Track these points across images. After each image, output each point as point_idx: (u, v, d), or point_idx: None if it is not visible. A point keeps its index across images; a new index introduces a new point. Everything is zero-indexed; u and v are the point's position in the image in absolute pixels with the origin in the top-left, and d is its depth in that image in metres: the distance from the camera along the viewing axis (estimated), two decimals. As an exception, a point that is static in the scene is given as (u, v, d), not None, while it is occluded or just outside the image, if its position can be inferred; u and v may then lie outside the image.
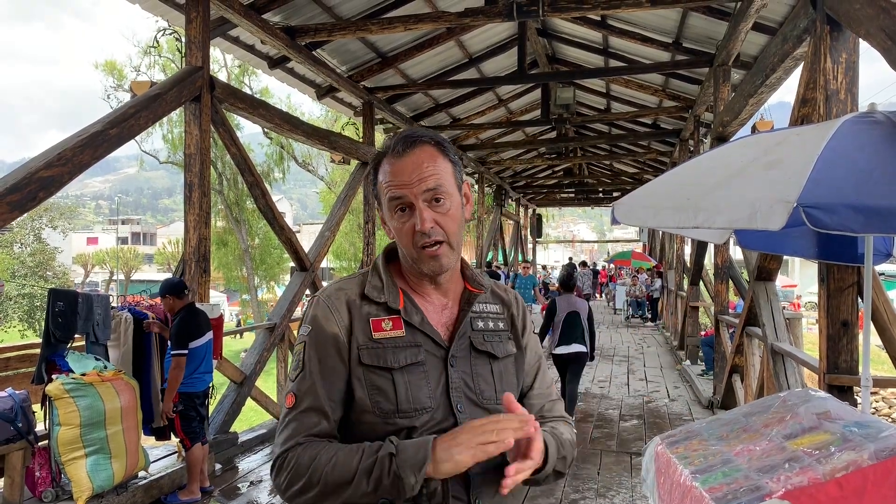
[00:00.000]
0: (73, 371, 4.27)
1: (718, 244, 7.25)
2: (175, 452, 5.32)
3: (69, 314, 4.49)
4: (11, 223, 4.17)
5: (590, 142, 14.83)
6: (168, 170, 31.79)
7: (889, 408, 9.87)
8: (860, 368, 3.58)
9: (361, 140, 9.31)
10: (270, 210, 6.85)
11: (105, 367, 4.47)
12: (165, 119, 24.68)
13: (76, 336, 4.62)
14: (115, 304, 5.46)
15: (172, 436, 5.17)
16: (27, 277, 27.10)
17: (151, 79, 5.76)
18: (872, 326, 3.65)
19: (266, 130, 23.94)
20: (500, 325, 1.41)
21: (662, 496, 2.42)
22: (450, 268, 1.32)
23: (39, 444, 4.22)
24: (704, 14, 7.03)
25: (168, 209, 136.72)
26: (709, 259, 9.84)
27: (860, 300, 3.65)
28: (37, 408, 4.33)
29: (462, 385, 1.30)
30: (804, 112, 4.34)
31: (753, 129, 6.79)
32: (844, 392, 3.73)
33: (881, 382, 4.47)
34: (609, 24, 8.48)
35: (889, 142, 2.55)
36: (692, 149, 10.85)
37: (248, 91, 25.82)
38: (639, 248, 25.81)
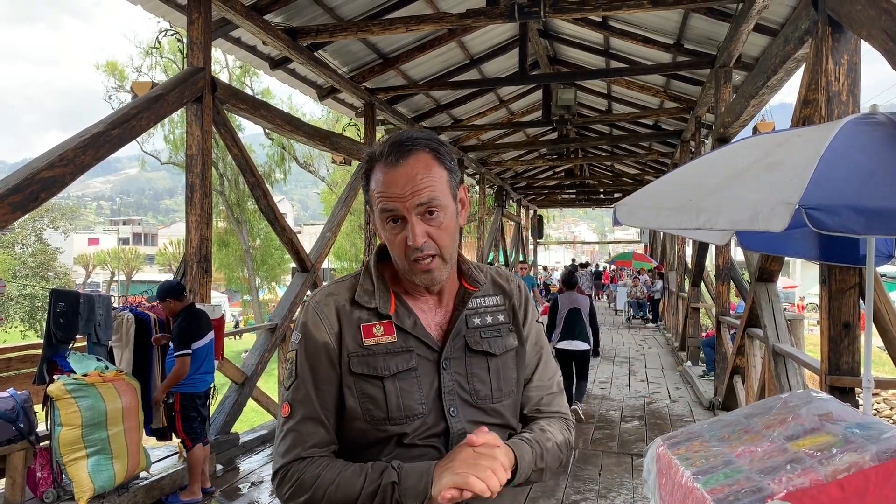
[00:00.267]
0: (75, 371, 4.27)
1: (720, 245, 7.26)
2: (176, 453, 5.32)
3: (70, 315, 4.49)
4: (13, 224, 4.17)
5: (591, 143, 14.82)
6: (169, 170, 31.83)
7: (890, 409, 9.87)
8: (862, 370, 3.58)
9: (363, 141, 9.31)
10: (272, 211, 6.86)
11: (106, 368, 4.48)
12: (167, 120, 24.71)
13: (77, 336, 4.63)
14: (117, 305, 5.47)
15: (173, 436, 5.17)
16: (28, 278, 27.13)
17: (153, 79, 5.77)
18: (874, 328, 3.65)
19: (267, 131, 23.97)
20: (501, 318, 1.38)
21: (664, 497, 2.42)
22: (442, 280, 1.29)
23: (41, 445, 4.22)
24: (706, 15, 7.03)
25: (169, 210, 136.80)
26: (710, 260, 9.83)
27: (862, 301, 3.65)
28: (38, 408, 4.34)
29: (455, 387, 1.29)
30: (806, 113, 4.34)
31: (755, 131, 6.79)
32: (846, 393, 3.73)
33: (883, 384, 4.48)
34: (610, 25, 8.48)
35: (891, 143, 2.55)
36: (693, 150, 10.84)
37: (250, 92, 25.85)
38: (640, 250, 25.80)
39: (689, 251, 12.22)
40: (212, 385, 5.01)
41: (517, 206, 23.19)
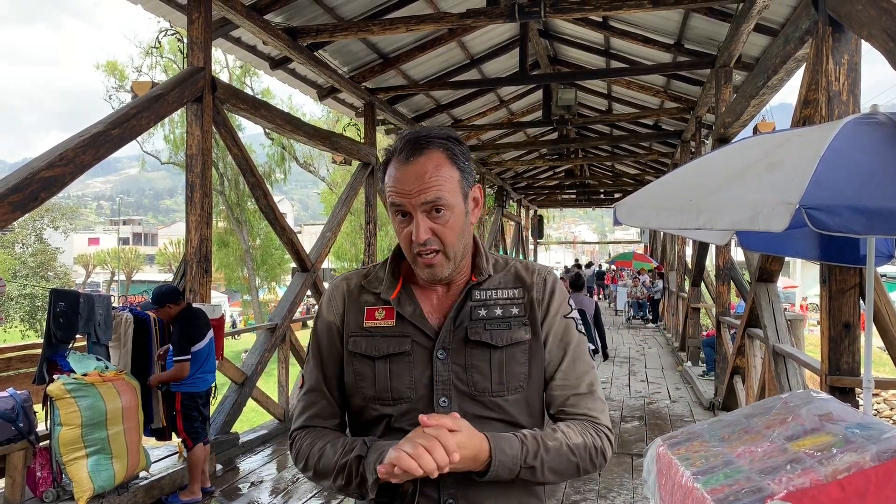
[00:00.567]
0: (75, 371, 4.27)
1: (720, 245, 7.25)
2: (176, 453, 5.32)
3: (70, 314, 4.49)
4: (13, 223, 4.17)
5: (591, 143, 14.82)
6: (169, 170, 31.84)
7: (891, 409, 9.86)
8: (862, 370, 3.58)
9: (363, 141, 9.31)
10: (272, 211, 6.86)
11: (106, 368, 4.48)
12: (167, 120, 24.71)
13: (77, 336, 4.63)
14: (117, 305, 5.47)
15: (174, 436, 5.17)
16: (28, 278, 27.14)
17: (153, 79, 5.77)
18: (874, 328, 3.65)
19: (267, 131, 23.98)
20: (514, 311, 1.35)
21: (664, 497, 2.42)
22: (444, 276, 1.32)
23: (40, 445, 4.22)
24: (706, 15, 7.03)
25: (169, 210, 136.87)
26: (710, 260, 9.83)
27: (862, 302, 3.65)
28: (38, 408, 4.34)
29: (452, 377, 1.30)
30: (806, 113, 4.34)
31: (755, 131, 6.78)
32: (846, 393, 3.73)
33: (883, 384, 4.48)
34: (610, 26, 8.48)
35: (891, 143, 2.54)
36: (694, 150, 10.84)
37: (250, 92, 25.85)
38: (640, 250, 25.78)
39: (690, 251, 12.21)
40: (213, 384, 5.01)
41: (517, 207, 23.19)
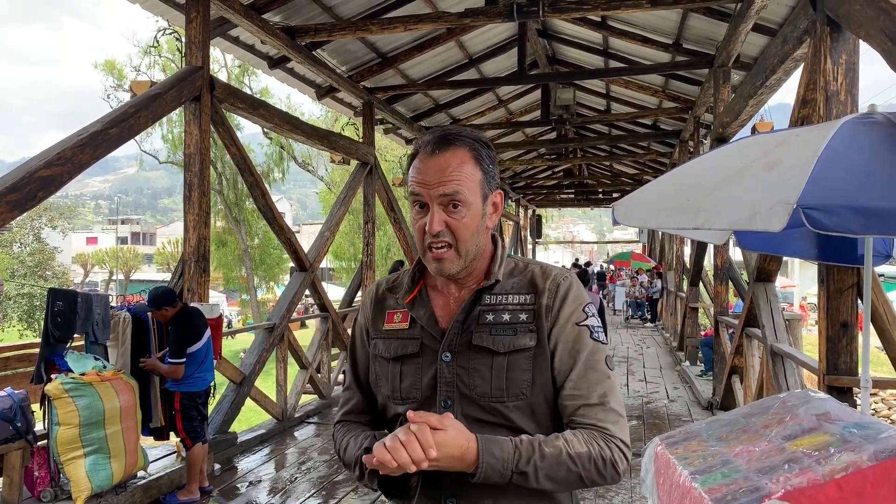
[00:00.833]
0: (73, 371, 4.26)
1: (718, 245, 7.26)
2: (174, 452, 5.31)
3: (68, 314, 4.49)
4: (11, 223, 4.16)
5: (590, 143, 14.82)
6: (168, 170, 31.80)
7: (888, 409, 9.88)
8: (860, 370, 3.58)
9: (361, 140, 9.31)
10: (270, 210, 6.85)
11: (104, 367, 4.47)
12: (165, 119, 24.68)
13: (75, 336, 4.62)
14: (115, 304, 5.46)
15: (172, 435, 5.17)
16: (26, 277, 27.12)
17: (151, 78, 5.76)
18: (872, 328, 3.65)
19: (266, 130, 23.95)
20: (522, 317, 1.33)
21: (661, 497, 2.42)
22: (453, 272, 1.33)
23: (38, 444, 4.21)
24: (704, 15, 7.03)
25: (167, 209, 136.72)
26: (708, 260, 9.84)
27: (860, 301, 3.65)
28: (36, 407, 4.33)
29: (456, 380, 1.32)
30: (804, 113, 4.34)
31: (753, 131, 6.78)
32: (844, 393, 3.73)
33: (881, 384, 4.48)
34: (609, 25, 8.48)
35: (889, 143, 2.55)
36: (692, 150, 10.84)
37: (248, 91, 25.83)
38: (638, 249, 25.80)
39: (688, 251, 12.21)
40: (212, 384, 5.01)
41: (516, 206, 23.18)
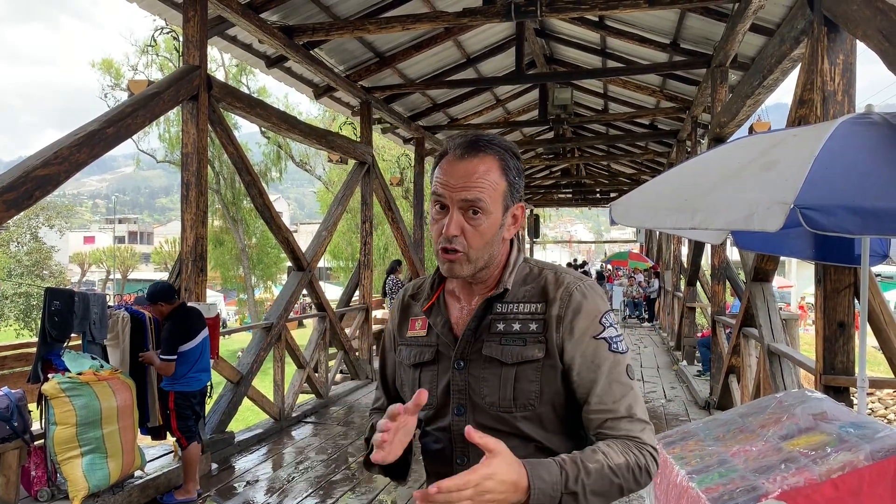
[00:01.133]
0: (70, 370, 4.25)
1: (715, 245, 7.27)
2: (171, 452, 5.31)
3: (65, 313, 4.48)
4: (8, 222, 4.15)
5: (587, 142, 14.83)
6: (165, 169, 31.74)
7: (885, 409, 9.90)
8: (856, 369, 3.59)
9: (359, 140, 9.30)
10: (267, 209, 6.84)
11: (101, 367, 4.46)
12: (162, 118, 24.65)
13: (72, 335, 4.61)
14: (112, 304, 5.45)
15: (169, 435, 5.16)
16: (23, 276, 27.04)
17: (149, 78, 5.75)
18: (869, 327, 3.66)
19: (263, 130, 23.92)
20: (532, 327, 1.31)
21: (659, 496, 2.43)
22: (463, 274, 1.32)
23: (35, 444, 4.20)
24: (702, 15, 7.03)
25: (165, 208, 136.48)
26: (706, 260, 9.85)
27: (857, 301, 3.66)
28: (33, 407, 4.32)
29: (467, 388, 1.33)
30: (801, 113, 4.34)
31: (751, 130, 6.80)
32: (841, 393, 3.73)
33: (877, 383, 4.48)
34: (607, 25, 8.48)
35: (886, 143, 2.55)
36: (689, 150, 10.85)
37: (246, 90, 25.80)
38: (636, 249, 25.82)
39: (685, 251, 12.23)
40: (208, 384, 5.00)
41: (514, 206, 23.14)
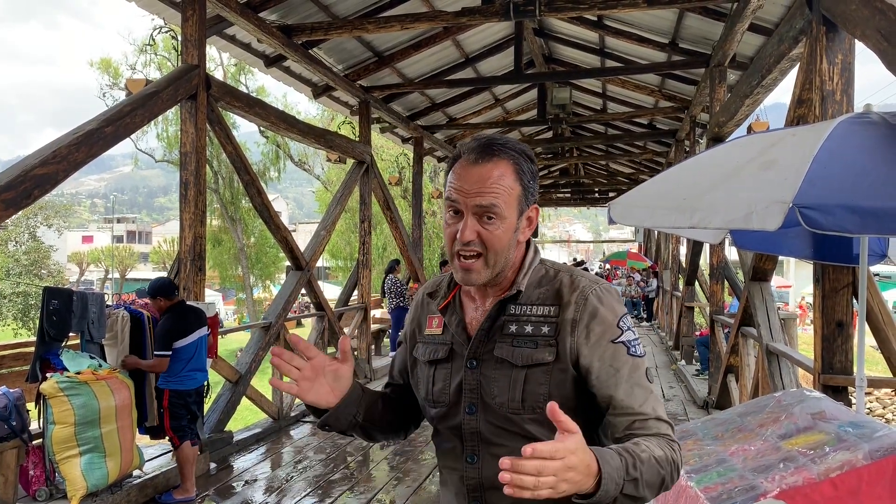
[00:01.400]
0: (68, 369, 4.25)
1: (714, 244, 7.27)
2: (170, 451, 5.30)
3: (64, 312, 4.47)
4: (6, 221, 4.15)
5: (586, 142, 14.83)
6: (164, 168, 31.71)
7: (883, 408, 9.91)
8: (855, 369, 3.59)
9: (358, 139, 9.30)
10: (266, 209, 6.84)
11: (100, 366, 4.46)
12: (161, 117, 24.62)
13: (71, 334, 4.60)
14: (111, 303, 5.44)
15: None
16: (22, 276, 27.01)
17: (147, 77, 5.74)
18: (867, 327, 3.66)
19: (262, 129, 23.90)
20: (544, 330, 1.30)
21: (657, 496, 2.42)
22: (479, 282, 1.31)
23: (34, 443, 4.20)
24: (701, 14, 7.04)
25: (163, 208, 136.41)
26: (704, 259, 9.85)
27: (855, 301, 3.67)
28: (31, 406, 4.32)
29: (478, 387, 1.33)
30: (800, 113, 4.35)
31: (749, 130, 6.80)
32: (839, 392, 3.74)
33: (876, 383, 4.48)
34: (605, 25, 8.48)
35: (884, 142, 2.55)
36: (688, 149, 10.86)
37: (245, 89, 25.76)
38: (634, 249, 25.82)
39: (684, 250, 12.23)
40: (205, 383, 4.98)
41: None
